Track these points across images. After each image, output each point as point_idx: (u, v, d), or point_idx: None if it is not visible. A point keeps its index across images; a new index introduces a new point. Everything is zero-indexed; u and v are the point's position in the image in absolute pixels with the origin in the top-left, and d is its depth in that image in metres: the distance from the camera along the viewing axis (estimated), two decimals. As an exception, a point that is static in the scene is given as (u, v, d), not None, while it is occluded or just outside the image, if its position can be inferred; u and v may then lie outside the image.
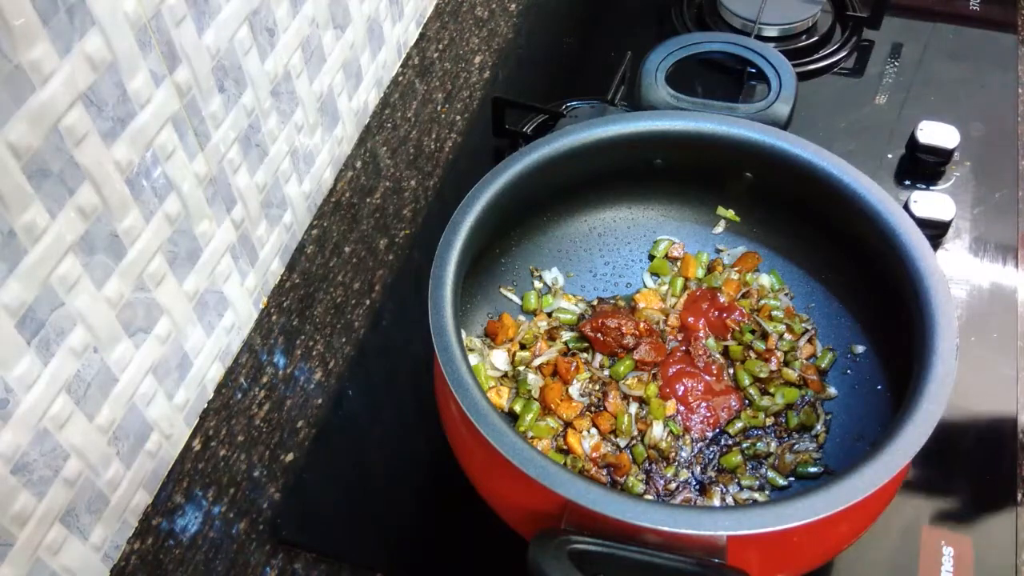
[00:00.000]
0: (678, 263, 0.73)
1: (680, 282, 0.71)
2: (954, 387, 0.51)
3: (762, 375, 0.66)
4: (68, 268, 0.52)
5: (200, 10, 0.59)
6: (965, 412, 0.66)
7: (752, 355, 0.67)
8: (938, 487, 0.63)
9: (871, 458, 0.49)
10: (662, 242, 0.73)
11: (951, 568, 0.59)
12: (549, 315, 0.70)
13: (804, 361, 0.67)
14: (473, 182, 0.63)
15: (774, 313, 0.69)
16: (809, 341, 0.68)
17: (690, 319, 0.69)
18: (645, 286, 0.72)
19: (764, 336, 0.68)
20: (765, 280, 0.71)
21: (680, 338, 0.69)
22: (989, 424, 0.66)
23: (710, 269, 0.72)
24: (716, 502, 0.61)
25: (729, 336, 0.68)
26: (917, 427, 0.50)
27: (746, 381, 0.66)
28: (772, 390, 0.65)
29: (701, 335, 0.68)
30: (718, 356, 0.67)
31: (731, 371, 0.67)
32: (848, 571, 0.60)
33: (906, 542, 0.61)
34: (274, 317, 0.76)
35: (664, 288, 0.71)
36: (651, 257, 0.73)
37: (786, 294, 0.70)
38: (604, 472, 0.62)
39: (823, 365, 0.66)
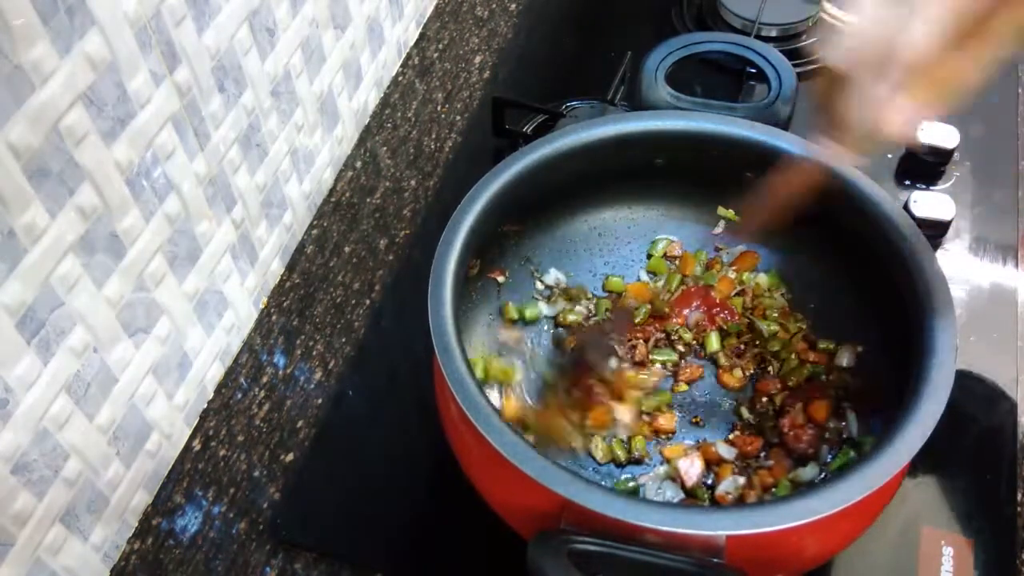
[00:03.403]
0: (676, 261, 0.73)
1: (677, 278, 0.71)
2: (954, 387, 0.51)
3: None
4: (68, 268, 0.52)
5: (200, 10, 0.59)
6: (965, 412, 0.66)
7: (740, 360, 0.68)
8: (938, 487, 0.63)
9: (871, 458, 0.49)
10: (660, 241, 0.73)
11: (951, 568, 0.59)
12: (554, 318, 0.70)
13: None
14: (473, 182, 0.63)
15: (768, 312, 0.69)
16: (804, 339, 0.68)
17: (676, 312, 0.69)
18: (639, 281, 0.72)
19: (759, 337, 0.68)
20: (763, 279, 0.71)
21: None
22: (989, 424, 0.66)
23: (708, 267, 0.72)
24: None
25: (712, 330, 0.68)
26: (917, 427, 0.50)
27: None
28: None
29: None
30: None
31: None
32: (848, 571, 0.60)
33: (906, 542, 0.61)
34: (274, 317, 0.76)
35: (660, 284, 0.71)
36: (650, 256, 0.74)
37: (782, 294, 0.70)
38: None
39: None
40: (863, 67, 0.45)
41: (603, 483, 0.62)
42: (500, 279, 0.70)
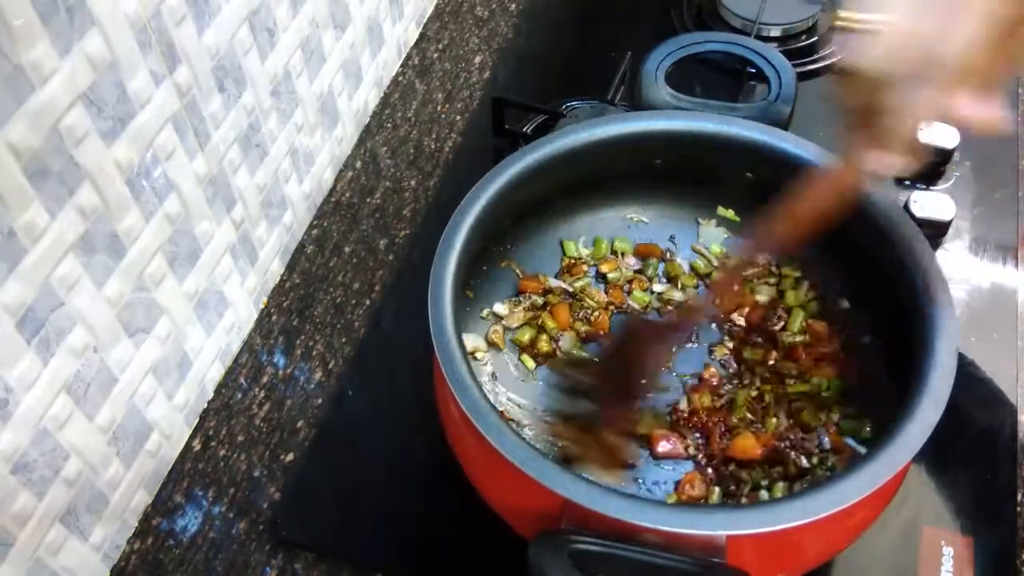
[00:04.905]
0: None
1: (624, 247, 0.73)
2: (954, 387, 0.51)
3: None
4: (68, 268, 0.52)
5: (200, 10, 0.59)
6: (965, 412, 0.66)
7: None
8: (938, 487, 0.63)
9: (871, 458, 0.49)
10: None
11: (951, 568, 0.59)
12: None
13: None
14: (473, 182, 0.63)
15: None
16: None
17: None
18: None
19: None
20: (763, 296, 0.70)
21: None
22: (989, 424, 0.66)
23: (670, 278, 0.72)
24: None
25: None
26: (917, 427, 0.50)
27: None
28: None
29: None
30: None
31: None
32: (848, 571, 0.60)
33: (906, 542, 0.61)
34: (274, 317, 0.76)
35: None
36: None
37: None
38: None
39: None
40: (904, 69, 0.43)
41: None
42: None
